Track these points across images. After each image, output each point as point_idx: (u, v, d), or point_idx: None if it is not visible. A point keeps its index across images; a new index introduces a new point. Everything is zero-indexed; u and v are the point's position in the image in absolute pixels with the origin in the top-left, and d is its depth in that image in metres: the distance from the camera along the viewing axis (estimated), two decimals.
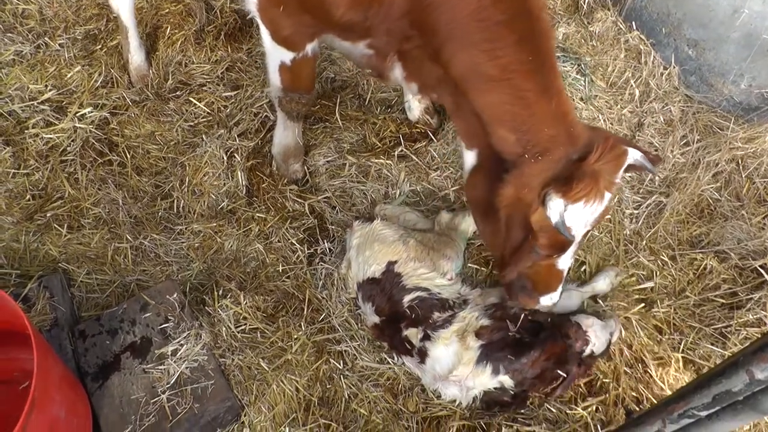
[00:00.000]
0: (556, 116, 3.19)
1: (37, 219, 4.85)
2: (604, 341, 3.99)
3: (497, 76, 3.16)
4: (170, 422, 3.78)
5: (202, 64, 5.75)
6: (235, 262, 4.70)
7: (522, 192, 3.22)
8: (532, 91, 3.15)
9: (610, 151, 3.12)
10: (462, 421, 4.04)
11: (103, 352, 4.05)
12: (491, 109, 3.28)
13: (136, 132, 5.32)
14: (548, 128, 3.17)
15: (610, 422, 3.86)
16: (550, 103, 3.18)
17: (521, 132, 3.20)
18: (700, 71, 5.54)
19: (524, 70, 3.13)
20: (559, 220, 3.10)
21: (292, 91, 4.44)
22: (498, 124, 3.27)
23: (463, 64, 3.26)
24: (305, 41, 4.03)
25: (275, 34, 4.03)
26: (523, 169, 3.21)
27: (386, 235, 4.42)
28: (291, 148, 5.00)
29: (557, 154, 3.17)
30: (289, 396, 4.08)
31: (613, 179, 3.19)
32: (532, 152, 3.18)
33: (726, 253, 4.61)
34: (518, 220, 3.31)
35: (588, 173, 3.07)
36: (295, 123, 4.84)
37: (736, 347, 4.13)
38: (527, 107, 3.17)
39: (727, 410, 2.40)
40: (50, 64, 5.59)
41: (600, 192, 3.12)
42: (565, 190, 3.07)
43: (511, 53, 3.10)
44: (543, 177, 3.17)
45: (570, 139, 3.19)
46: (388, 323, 4.20)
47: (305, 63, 4.19)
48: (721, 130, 5.31)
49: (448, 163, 5.13)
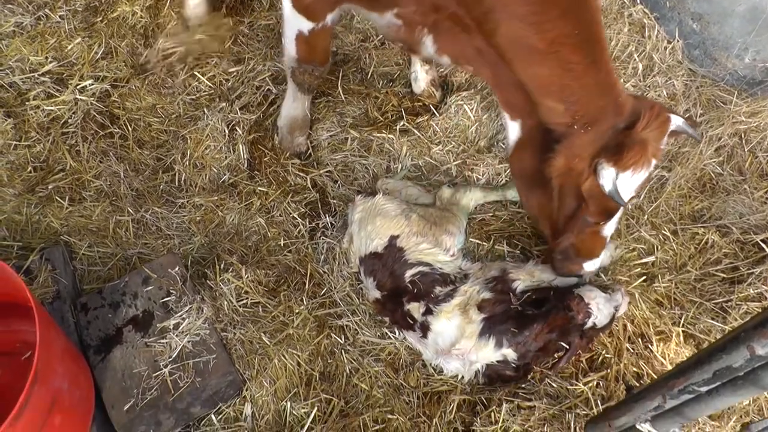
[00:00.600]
0: (604, 87, 3.20)
1: (39, 191, 4.82)
2: (608, 314, 3.95)
3: (545, 49, 3.14)
4: (172, 396, 3.77)
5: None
6: (237, 235, 4.67)
7: (573, 162, 3.25)
8: (580, 63, 3.13)
9: (656, 119, 3.15)
10: (463, 395, 4.03)
11: (105, 325, 4.03)
12: (539, 80, 3.27)
13: (137, 105, 5.27)
14: (597, 99, 3.18)
15: (611, 397, 3.84)
16: (598, 75, 3.18)
17: (570, 103, 3.20)
18: (704, 45, 5.48)
19: (572, 43, 3.10)
20: (612, 188, 3.13)
21: (307, 63, 4.39)
22: (546, 96, 3.27)
23: (509, 35, 3.22)
24: (326, 10, 3.97)
25: (297, 2, 3.96)
26: (573, 140, 3.24)
27: (388, 210, 4.38)
28: (299, 120, 4.96)
29: (606, 124, 3.19)
30: (291, 370, 4.07)
31: (658, 146, 3.23)
32: (582, 122, 3.19)
33: (728, 227, 4.57)
34: (570, 190, 3.35)
35: (637, 141, 3.11)
36: (305, 95, 4.80)
37: (736, 322, 4.11)
38: (576, 79, 3.16)
39: (727, 386, 2.40)
40: (50, 36, 5.52)
41: (648, 159, 3.17)
42: (617, 158, 3.11)
43: (559, 26, 3.08)
44: (593, 147, 3.19)
45: (617, 108, 3.20)
46: (389, 298, 4.18)
47: (323, 34, 4.14)
48: (724, 104, 5.25)
49: (450, 138, 5.09)
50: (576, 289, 4.00)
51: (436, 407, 4.01)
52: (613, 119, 3.20)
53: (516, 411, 3.87)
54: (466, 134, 5.10)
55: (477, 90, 5.22)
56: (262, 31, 5.76)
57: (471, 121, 5.09)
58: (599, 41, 3.20)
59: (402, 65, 5.52)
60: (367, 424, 3.94)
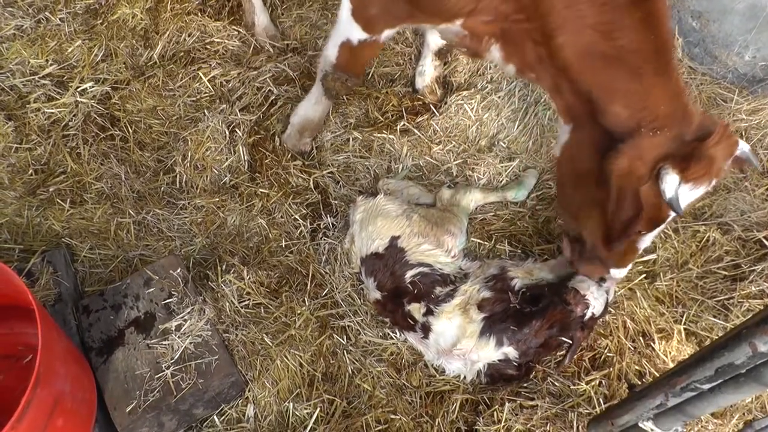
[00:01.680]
0: (672, 95, 3.14)
1: (40, 194, 4.82)
2: (603, 302, 3.97)
3: (614, 56, 3.12)
4: (174, 397, 3.76)
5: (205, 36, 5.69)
6: (238, 237, 4.67)
7: (635, 163, 3.15)
8: (649, 70, 3.10)
9: (727, 138, 3.07)
10: (465, 395, 4.03)
11: (107, 327, 4.03)
12: (605, 86, 3.22)
13: (137, 107, 5.27)
14: (665, 105, 3.12)
15: (613, 396, 3.83)
16: (667, 82, 3.14)
17: (637, 109, 3.14)
18: (704, 43, 5.46)
19: (642, 51, 3.08)
20: (673, 196, 3.04)
21: (343, 71, 4.35)
22: (611, 102, 3.21)
23: (578, 45, 3.20)
24: (385, 27, 3.93)
25: (359, 10, 3.90)
26: (638, 141, 3.15)
27: (390, 210, 4.38)
28: (313, 123, 4.95)
29: (673, 132, 3.11)
30: (293, 371, 4.06)
31: (723, 166, 3.15)
32: (649, 127, 3.12)
33: (729, 224, 4.56)
34: (628, 193, 3.24)
35: (706, 155, 3.02)
36: (329, 101, 4.78)
37: (738, 319, 4.09)
38: (644, 86, 3.13)
39: (729, 383, 2.39)
40: (51, 39, 5.53)
41: (711, 176, 3.10)
42: (683, 167, 3.02)
43: (629, 34, 3.06)
44: (658, 151, 3.10)
45: (685, 117, 3.14)
46: (390, 298, 4.17)
47: (371, 47, 4.11)
48: (724, 102, 5.23)
49: (450, 137, 5.08)
50: (569, 283, 4.00)
51: (439, 407, 4.00)
52: (680, 128, 3.13)
53: (518, 410, 3.86)
54: (467, 134, 5.10)
55: (477, 90, 5.22)
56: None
57: (471, 120, 5.09)
58: (668, 49, 3.18)
59: (402, 65, 5.51)
60: (370, 425, 3.93)
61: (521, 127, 5.04)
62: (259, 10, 5.66)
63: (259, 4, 5.66)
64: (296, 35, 5.82)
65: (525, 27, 3.38)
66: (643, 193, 3.16)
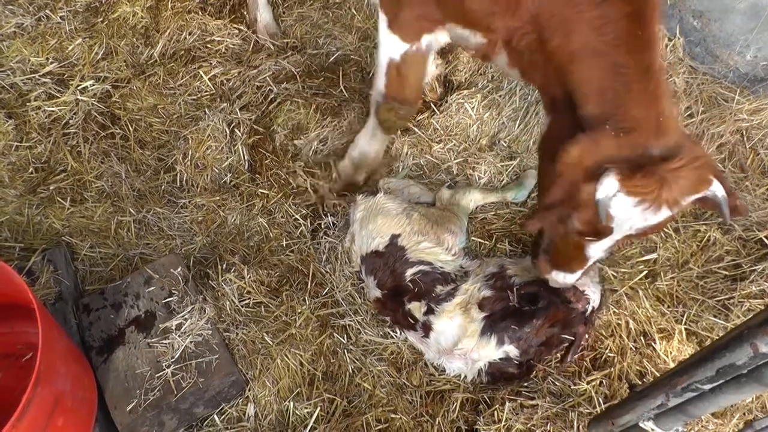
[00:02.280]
0: (649, 99, 3.00)
1: (40, 192, 4.82)
2: (599, 294, 3.98)
3: (601, 51, 3.04)
4: (175, 396, 3.76)
5: (206, 34, 5.68)
6: (239, 236, 4.66)
7: (585, 156, 3.02)
8: (632, 68, 3.00)
9: (696, 169, 2.88)
10: (466, 394, 4.02)
11: (107, 325, 4.02)
12: (588, 84, 3.13)
13: (138, 105, 5.27)
14: (638, 108, 2.99)
15: (614, 396, 3.83)
16: (647, 84, 3.01)
17: (610, 106, 3.04)
18: (705, 42, 5.45)
19: (625, 48, 3.00)
20: (602, 199, 2.91)
21: (394, 98, 4.24)
22: (589, 95, 3.12)
23: (573, 45, 3.14)
24: (422, 31, 3.88)
25: (393, 19, 3.86)
26: (598, 136, 3.03)
27: (390, 209, 4.38)
28: (369, 158, 4.82)
29: (639, 139, 2.96)
30: (293, 370, 4.05)
31: (681, 198, 2.94)
32: (615, 126, 3.01)
33: (729, 224, 4.55)
34: (567, 182, 3.10)
35: (657, 176, 2.86)
36: (384, 135, 4.66)
37: (739, 319, 4.09)
38: (624, 84, 3.02)
39: (730, 383, 2.38)
40: (51, 37, 5.53)
41: (659, 200, 2.90)
42: (627, 176, 2.87)
43: (616, 29, 2.99)
44: (613, 152, 2.97)
45: (657, 129, 2.97)
46: (390, 297, 4.17)
47: (416, 60, 4.02)
48: (726, 102, 5.22)
49: (450, 136, 5.08)
50: None
51: (439, 406, 4.00)
52: (648, 137, 2.97)
53: (519, 409, 3.85)
54: (467, 132, 5.09)
55: (478, 89, 5.21)
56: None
57: (472, 119, 5.08)
58: (654, 48, 3.06)
59: None
60: (370, 424, 3.92)
61: (522, 126, 5.03)
62: (263, 7, 5.67)
63: (262, 1, 5.66)
64: (297, 34, 5.82)
65: (530, 38, 3.37)
66: (588, 191, 3.01)
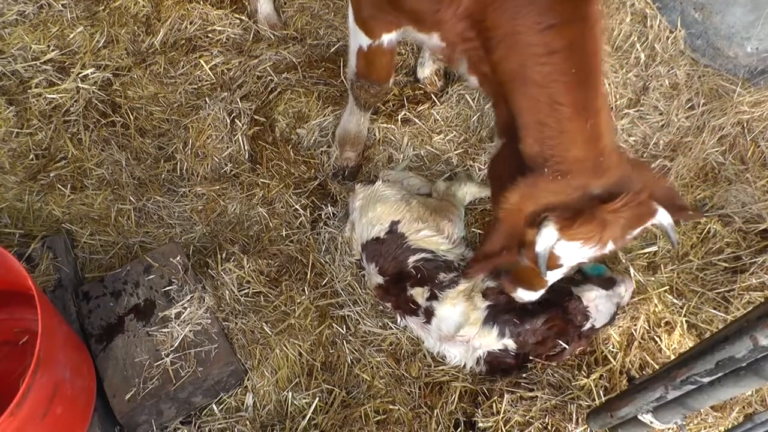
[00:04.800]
0: (588, 139, 2.89)
1: (41, 179, 4.78)
2: (607, 314, 3.91)
3: (539, 82, 2.90)
4: (174, 385, 3.72)
5: (207, 24, 5.65)
6: (239, 225, 4.63)
7: (525, 203, 2.94)
8: (568, 105, 2.86)
9: (636, 207, 2.84)
10: (464, 383, 4.00)
11: (107, 313, 3.99)
12: (526, 114, 3.01)
13: (139, 93, 5.23)
14: (576, 149, 2.88)
15: (613, 388, 3.80)
16: (584, 123, 2.87)
17: (548, 146, 2.93)
18: (706, 35, 5.41)
19: (565, 81, 2.86)
20: (541, 252, 2.87)
21: (365, 78, 4.31)
22: (528, 131, 3.01)
23: (512, 64, 3.02)
24: (382, 30, 3.88)
25: (357, 14, 3.92)
26: (537, 181, 2.94)
27: (388, 196, 4.37)
28: (351, 134, 4.86)
29: (577, 181, 2.88)
30: (292, 360, 4.02)
31: (626, 234, 2.92)
32: (553, 168, 2.91)
33: (730, 216, 4.53)
34: (508, 228, 3.04)
35: (599, 219, 2.81)
36: (361, 111, 4.69)
37: (738, 311, 4.07)
38: (559, 121, 2.89)
39: (729, 376, 2.38)
40: (53, 25, 5.48)
41: (603, 241, 2.87)
42: (565, 224, 2.83)
43: (557, 61, 2.85)
44: (551, 198, 2.90)
45: (597, 169, 2.89)
46: (392, 282, 4.15)
47: (380, 53, 4.05)
48: (726, 94, 5.20)
49: (451, 127, 5.06)
50: (576, 288, 3.94)
51: (438, 398, 3.98)
52: (588, 179, 2.89)
53: (518, 401, 3.83)
54: (468, 123, 5.06)
55: None
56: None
57: (473, 110, 5.05)
58: (595, 86, 2.93)
59: (404, 55, 5.48)
60: (369, 415, 3.89)
61: None
62: None
63: None
64: (297, 24, 5.79)
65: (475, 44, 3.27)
66: (529, 233, 2.96)
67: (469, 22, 3.20)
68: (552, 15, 2.82)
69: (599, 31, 2.92)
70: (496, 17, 3.00)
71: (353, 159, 4.96)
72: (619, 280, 4.03)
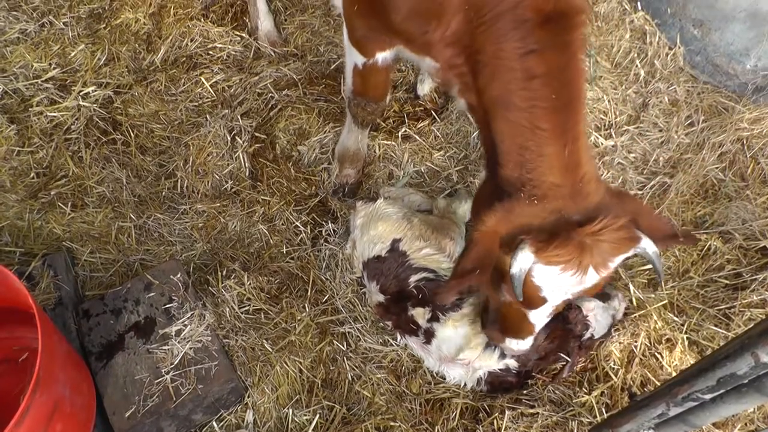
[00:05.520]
0: (566, 165, 2.89)
1: (42, 197, 4.80)
2: (605, 324, 3.94)
3: (521, 107, 2.91)
4: (174, 403, 3.73)
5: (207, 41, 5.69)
6: (239, 242, 4.64)
7: (501, 226, 2.92)
8: (547, 131, 2.87)
9: (616, 231, 2.80)
10: (465, 400, 3.99)
11: (107, 331, 3.99)
12: (508, 139, 3.01)
13: (139, 111, 5.26)
14: (553, 175, 2.88)
15: (615, 405, 3.80)
16: (563, 149, 2.88)
17: (527, 169, 2.93)
18: (706, 51, 5.44)
19: (544, 107, 2.87)
20: (516, 273, 2.82)
21: (361, 96, 4.36)
22: (509, 156, 3.01)
23: (495, 92, 3.03)
24: (375, 49, 3.93)
25: (351, 33, 3.96)
26: (513, 205, 2.93)
27: (390, 214, 4.37)
28: (350, 151, 4.89)
29: (553, 205, 2.87)
30: (293, 377, 4.02)
31: (607, 261, 2.86)
32: (529, 193, 2.91)
33: (730, 233, 4.53)
34: (482, 249, 2.97)
35: (574, 241, 2.78)
36: (359, 128, 4.73)
37: (740, 328, 4.07)
38: (539, 146, 2.89)
39: (731, 393, 2.37)
40: (54, 43, 5.52)
41: (583, 266, 2.81)
42: (541, 246, 2.79)
43: (536, 86, 2.86)
44: (528, 222, 2.88)
45: (574, 195, 2.89)
46: (393, 302, 4.14)
47: (375, 71, 4.09)
48: (726, 111, 5.21)
49: (451, 143, 5.07)
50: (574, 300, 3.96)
51: (439, 414, 3.97)
52: (565, 204, 2.87)
53: (519, 418, 3.82)
54: (468, 140, 5.08)
55: None
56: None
57: (473, 127, 5.06)
58: (574, 112, 2.94)
59: (404, 71, 5.51)
60: (370, 431, 3.89)
61: None
62: (263, 15, 5.67)
63: (263, 9, 5.67)
64: (298, 41, 5.81)
65: (463, 70, 3.28)
66: (505, 263, 2.92)
67: (458, 48, 3.21)
68: (533, 40, 2.84)
69: (580, 59, 2.95)
70: (482, 41, 3.02)
71: (353, 176, 4.97)
72: (612, 294, 4.06)
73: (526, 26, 2.84)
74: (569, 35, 2.89)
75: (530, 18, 2.83)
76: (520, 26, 2.85)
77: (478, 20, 2.99)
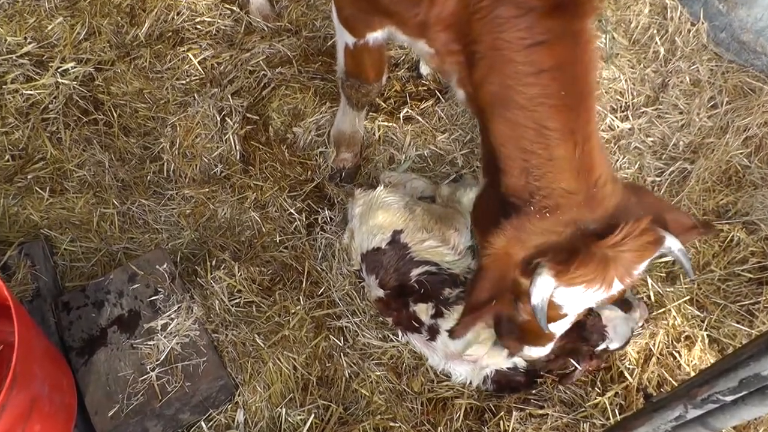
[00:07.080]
0: (578, 168, 2.79)
1: (17, 181, 4.80)
2: (623, 337, 3.91)
3: (524, 105, 2.82)
4: (159, 401, 3.75)
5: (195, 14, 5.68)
6: (229, 230, 4.65)
7: (513, 248, 2.84)
8: (556, 131, 2.77)
9: (639, 237, 2.70)
10: (470, 400, 4.02)
11: (88, 325, 4.01)
12: (509, 143, 2.92)
13: (123, 89, 5.25)
14: (565, 181, 2.79)
15: (630, 407, 3.83)
16: (574, 151, 2.78)
17: (534, 176, 2.84)
18: (731, 28, 5.43)
19: (552, 105, 2.77)
20: (539, 304, 2.75)
21: (354, 77, 4.35)
22: (512, 162, 2.92)
23: (493, 88, 2.94)
24: (364, 29, 3.89)
25: (339, 12, 3.95)
26: (523, 221, 2.83)
27: (391, 203, 4.35)
28: (346, 135, 4.90)
29: (568, 216, 2.79)
30: (286, 375, 4.05)
31: (632, 269, 2.79)
32: (539, 204, 2.82)
33: (755, 223, 4.55)
34: (495, 275, 2.91)
35: (598, 258, 2.69)
36: (354, 111, 4.73)
37: (764, 326, 4.09)
38: (546, 148, 2.80)
39: (754, 395, 2.35)
40: (29, 15, 5.50)
41: (608, 282, 2.75)
42: (561, 269, 2.71)
43: (544, 81, 2.77)
44: (541, 240, 2.80)
45: (590, 202, 2.80)
46: (393, 297, 4.15)
47: (367, 51, 4.07)
48: (752, 92, 5.22)
49: (456, 125, 5.07)
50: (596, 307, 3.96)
51: (441, 414, 4.00)
52: (581, 213, 2.80)
53: (527, 419, 3.86)
54: (474, 122, 5.06)
55: None
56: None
57: None
58: (586, 110, 2.84)
59: (406, 49, 5.49)
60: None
61: None
62: None
63: None
64: (292, 16, 5.80)
65: (460, 59, 3.19)
66: (522, 283, 2.86)
67: (454, 33, 3.12)
68: (541, 30, 2.74)
69: (592, 50, 2.85)
70: (479, 29, 2.91)
71: (350, 160, 4.98)
72: (635, 304, 4.02)
73: (532, 14, 2.73)
74: (580, 23, 2.80)
75: (536, 5, 2.73)
76: (526, 14, 2.74)
77: (475, 5, 2.88)
